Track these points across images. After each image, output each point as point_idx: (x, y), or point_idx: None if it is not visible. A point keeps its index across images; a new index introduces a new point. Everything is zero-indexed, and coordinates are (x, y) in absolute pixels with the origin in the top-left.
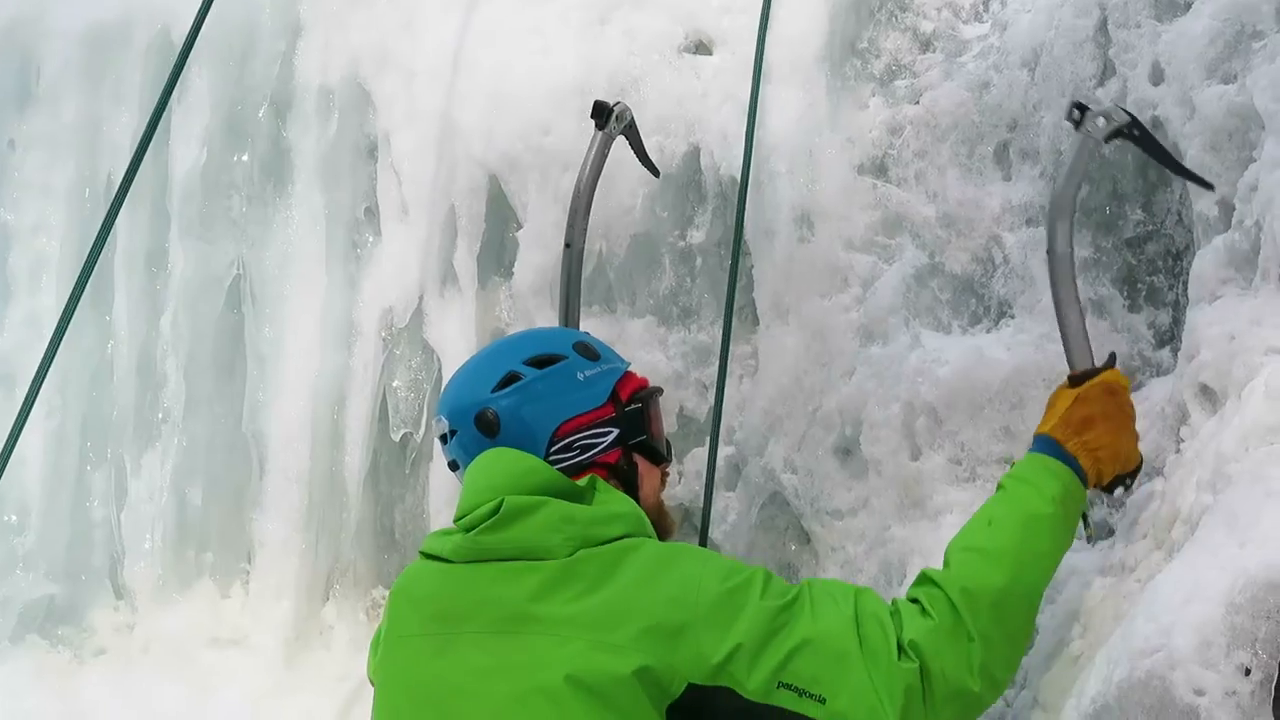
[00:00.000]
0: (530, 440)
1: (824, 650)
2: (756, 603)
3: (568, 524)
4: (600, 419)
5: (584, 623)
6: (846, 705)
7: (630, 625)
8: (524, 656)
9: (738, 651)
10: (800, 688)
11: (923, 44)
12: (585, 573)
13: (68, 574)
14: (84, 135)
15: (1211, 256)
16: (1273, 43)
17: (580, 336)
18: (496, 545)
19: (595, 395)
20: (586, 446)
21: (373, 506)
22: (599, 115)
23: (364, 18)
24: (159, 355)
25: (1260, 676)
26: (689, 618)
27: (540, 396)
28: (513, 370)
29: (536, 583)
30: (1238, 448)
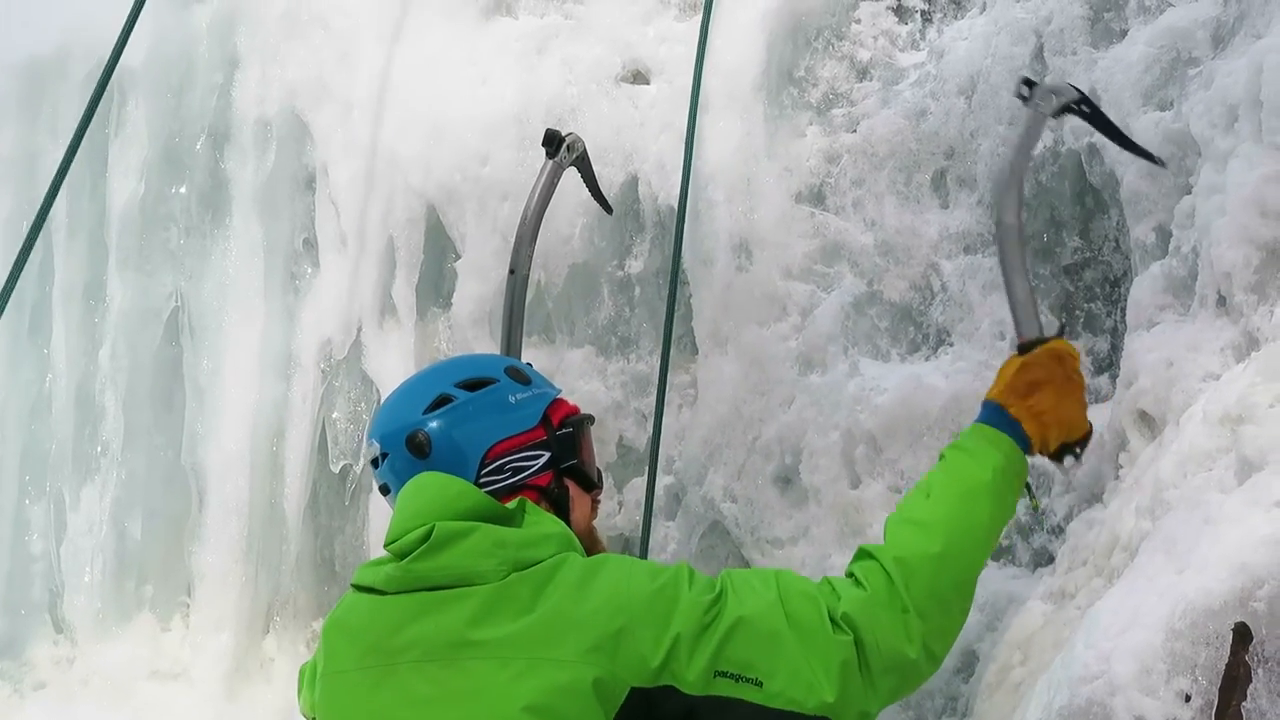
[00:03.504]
0: (461, 462)
1: (755, 633)
2: (687, 595)
3: (499, 548)
4: (531, 441)
5: (524, 642)
6: (784, 685)
7: (572, 639)
8: (467, 683)
9: (677, 644)
10: (736, 673)
11: (860, 72)
12: (519, 595)
13: (6, 608)
14: (20, 167)
15: (1149, 283)
16: (1208, 69)
17: (510, 361)
18: (429, 573)
19: (526, 418)
20: (518, 469)
21: (312, 538)
22: (550, 144)
23: (301, 50)
24: (97, 388)
25: (1200, 702)
26: (625, 621)
27: (471, 418)
28: (444, 393)
29: (472, 609)
30: (1176, 474)
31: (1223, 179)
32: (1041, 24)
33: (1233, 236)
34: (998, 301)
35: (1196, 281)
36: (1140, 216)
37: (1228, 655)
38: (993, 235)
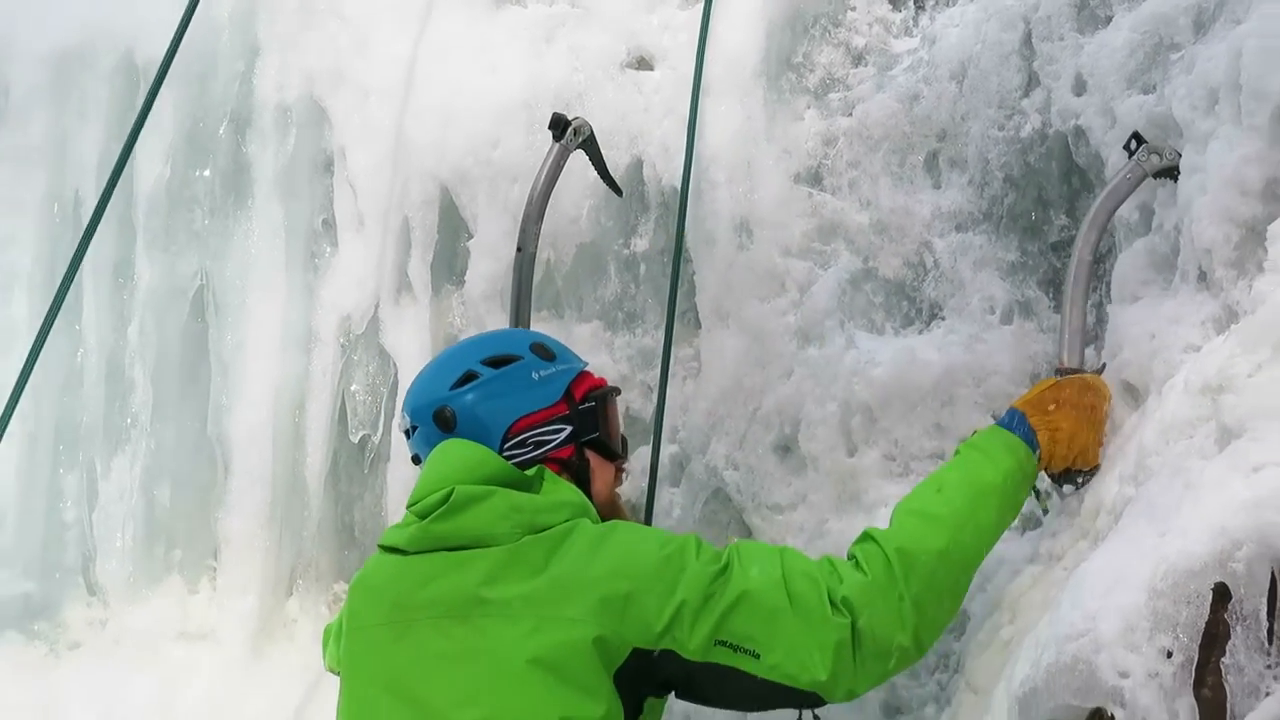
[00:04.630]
0: (485, 436)
1: (757, 608)
2: (694, 565)
3: (515, 512)
4: (553, 417)
5: (534, 601)
6: (780, 659)
7: (580, 599)
8: (480, 640)
9: (681, 611)
10: (735, 644)
11: (855, 58)
12: (531, 556)
13: (43, 572)
14: (52, 153)
15: (1132, 259)
16: (1190, 54)
17: (538, 338)
18: (447, 533)
19: (549, 394)
20: (540, 443)
21: (333, 505)
22: (556, 127)
23: (319, 38)
24: (127, 362)
25: (1181, 659)
26: (633, 586)
27: (495, 395)
28: (470, 369)
29: (486, 568)
30: (1158, 441)
31: (1204, 159)
32: (1030, 10)
33: (1213, 214)
34: (987, 278)
35: (1178, 257)
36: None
37: (1208, 614)
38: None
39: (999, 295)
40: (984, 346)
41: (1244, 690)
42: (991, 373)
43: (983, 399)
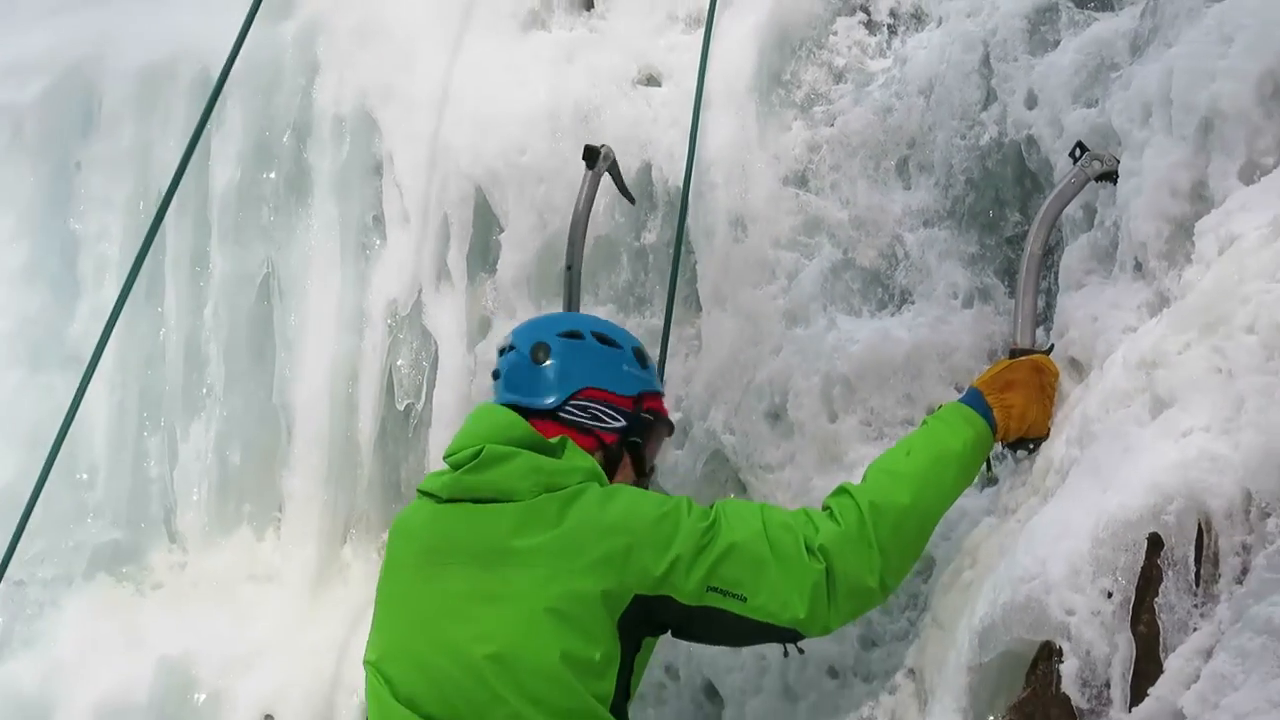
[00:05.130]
0: (561, 382)
1: (743, 557)
2: (687, 522)
3: (535, 472)
4: (618, 405)
5: (549, 553)
6: (764, 601)
7: (588, 553)
8: (502, 586)
9: (676, 562)
10: (724, 589)
11: (836, 76)
12: (547, 512)
13: (130, 522)
14: (138, 157)
15: (1077, 252)
16: (1127, 73)
17: (640, 346)
18: (475, 485)
19: (626, 386)
20: (596, 415)
21: (381, 465)
22: (589, 158)
23: (371, 57)
24: (203, 341)
25: (1120, 599)
26: (633, 540)
27: (585, 357)
28: (579, 329)
29: (511, 521)
30: (1100, 410)
31: (1139, 165)
32: (988, 35)
33: (1147, 213)
34: (950, 267)
35: (1117, 250)
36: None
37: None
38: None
39: (961, 283)
40: (948, 327)
41: (1175, 626)
42: (954, 350)
43: (947, 373)
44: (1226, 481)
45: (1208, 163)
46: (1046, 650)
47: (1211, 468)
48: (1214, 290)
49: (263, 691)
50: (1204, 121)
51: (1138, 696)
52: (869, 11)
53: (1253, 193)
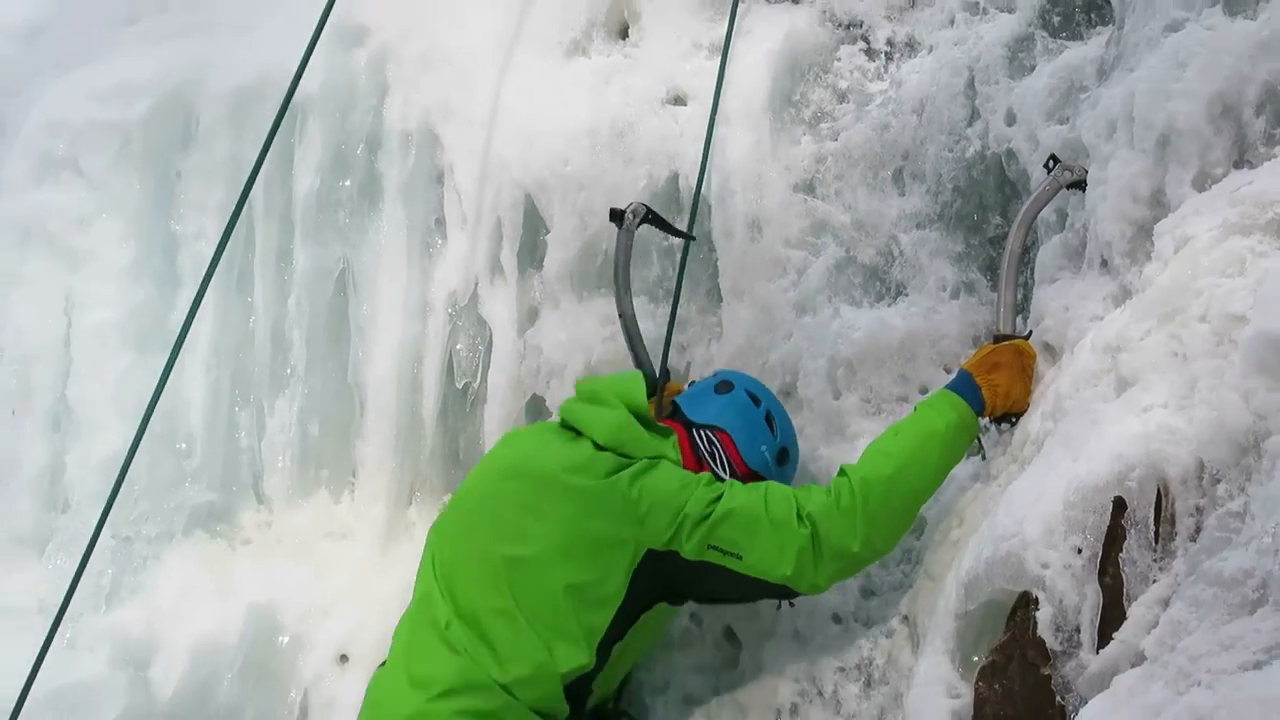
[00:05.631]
0: (713, 413)
1: (740, 521)
2: (698, 492)
3: (619, 429)
4: (734, 462)
5: (587, 496)
6: (756, 560)
7: (615, 506)
8: (541, 509)
9: (683, 523)
10: (722, 548)
11: (839, 96)
12: (604, 466)
13: (223, 486)
14: (229, 167)
15: (1051, 250)
16: (1094, 94)
17: (790, 450)
18: (577, 415)
19: (751, 458)
20: (714, 453)
21: (442, 436)
22: (615, 219)
23: (433, 80)
24: (287, 327)
25: (1089, 554)
26: (653, 504)
27: (745, 417)
28: (760, 400)
29: (576, 459)
30: (1071, 388)
31: (1105, 174)
32: (973, 61)
33: (1112, 216)
34: (940, 264)
35: (1086, 249)
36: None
37: (1109, 520)
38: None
39: (949, 277)
40: (938, 316)
41: (1137, 578)
42: (943, 336)
43: (937, 356)
44: (1182, 452)
45: (1165, 173)
46: (1024, 599)
47: (1169, 439)
48: (1171, 284)
49: (338, 634)
50: (1162, 137)
51: (1104, 640)
52: (868, 40)
53: (1204, 199)
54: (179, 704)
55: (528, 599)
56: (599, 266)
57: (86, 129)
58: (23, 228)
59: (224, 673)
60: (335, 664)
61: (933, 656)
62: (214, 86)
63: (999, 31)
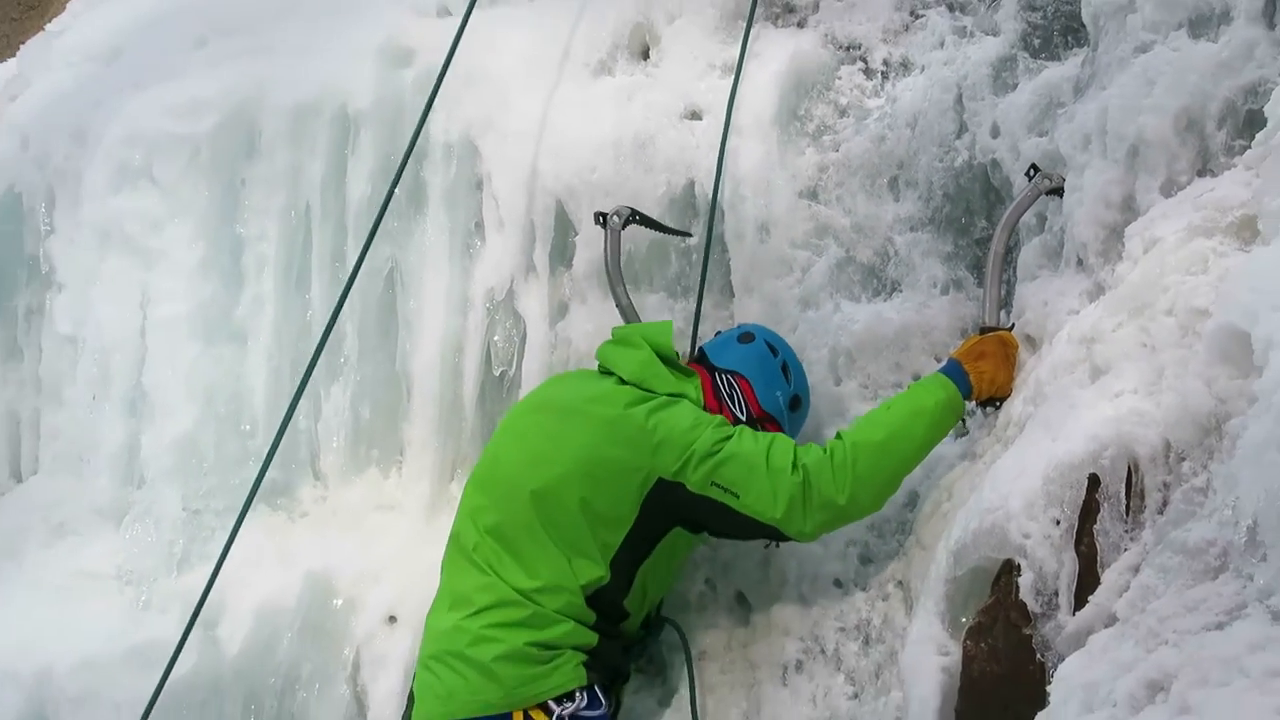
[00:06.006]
0: (734, 359)
1: (742, 463)
2: (709, 432)
3: (644, 367)
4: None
5: (606, 423)
6: (752, 500)
7: (630, 434)
8: (565, 435)
9: (691, 458)
10: (724, 486)
11: (840, 111)
12: (625, 399)
13: (283, 463)
14: (289, 176)
15: (1032, 251)
16: (1071, 109)
17: (803, 398)
18: (607, 355)
19: (765, 401)
20: (733, 395)
21: (481, 419)
22: (599, 222)
23: (474, 97)
24: (341, 320)
25: (1065, 525)
26: (665, 437)
27: (762, 365)
28: (778, 351)
29: (601, 391)
30: (1050, 375)
31: (1081, 182)
32: (961, 79)
33: (1087, 220)
34: (931, 263)
35: (1063, 250)
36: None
37: (1084, 495)
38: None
39: (940, 275)
40: (929, 310)
41: (1109, 548)
42: (934, 328)
43: (928, 346)
44: (1150, 433)
45: (1135, 180)
46: (1007, 566)
47: (1138, 422)
48: (1140, 281)
49: (387, 598)
50: (1132, 148)
51: (1080, 603)
52: (866, 61)
53: (1171, 204)
54: (243, 660)
55: (549, 515)
56: (627, 263)
57: (160, 141)
58: (102, 230)
59: (284, 632)
60: (384, 624)
61: (925, 618)
62: (274, 102)
63: (984, 53)
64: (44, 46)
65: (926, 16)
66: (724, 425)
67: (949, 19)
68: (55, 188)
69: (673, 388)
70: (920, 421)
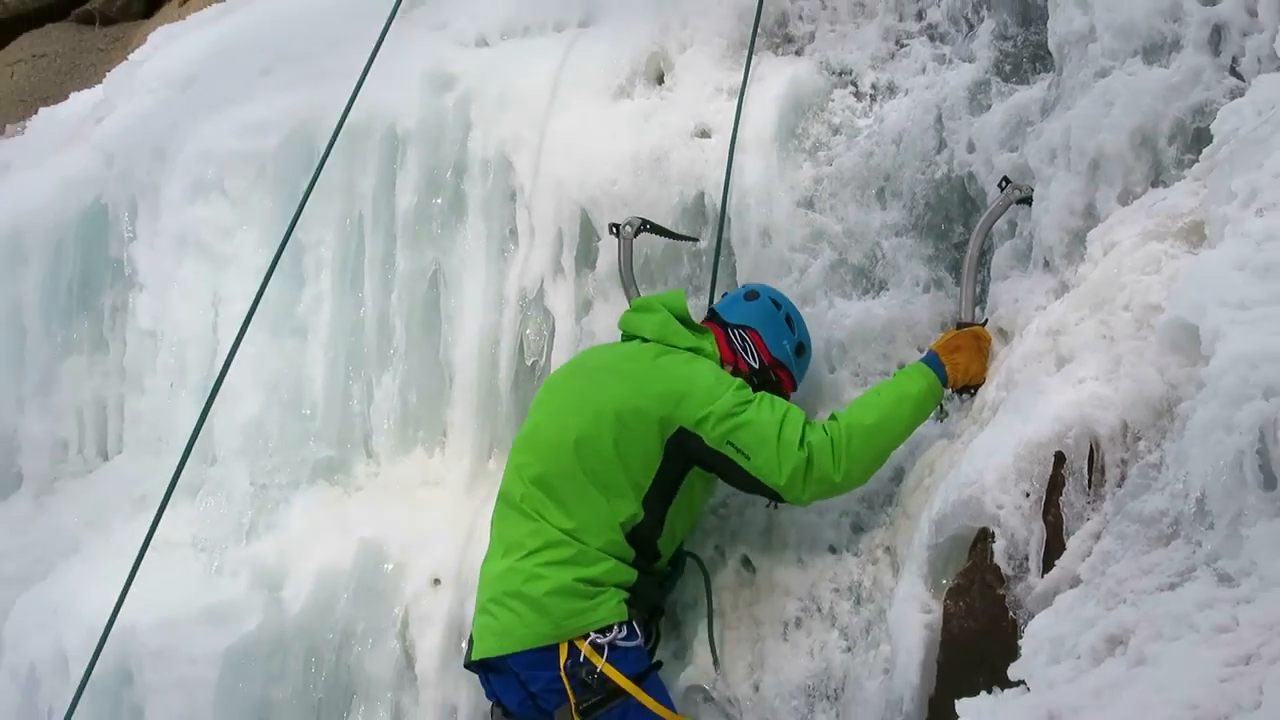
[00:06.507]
0: (743, 314)
1: (757, 431)
2: (730, 394)
3: (663, 326)
4: (761, 354)
5: (635, 376)
6: (761, 465)
7: (657, 386)
8: (597, 391)
9: (710, 416)
10: (737, 447)
11: (833, 130)
12: (650, 354)
13: (339, 443)
14: (344, 187)
15: (1004, 253)
16: (1039, 127)
17: (806, 345)
18: (630, 322)
19: (775, 349)
20: (745, 347)
21: (514, 404)
22: (613, 231)
23: (509, 117)
24: (390, 316)
25: (1035, 497)
26: (689, 390)
27: (769, 318)
28: (781, 305)
29: (627, 352)
30: (1020, 364)
31: (1048, 192)
32: (941, 101)
33: (1053, 226)
34: (915, 265)
35: (1032, 252)
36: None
37: (1051, 470)
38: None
39: (922, 275)
40: (913, 307)
41: (1074, 517)
42: (917, 322)
43: (912, 339)
44: (1110, 415)
45: (1095, 191)
46: (983, 534)
47: (1099, 405)
48: (1100, 280)
49: (432, 562)
50: (1093, 162)
51: (1048, 566)
52: (857, 85)
53: (1127, 212)
54: (304, 618)
55: (588, 461)
56: (640, 267)
57: (230, 157)
58: (179, 237)
59: (340, 593)
60: (430, 586)
61: (910, 580)
62: (329, 123)
63: (961, 78)
64: (127, 75)
65: (910, 45)
66: (744, 389)
67: (930, 48)
68: (137, 199)
69: (691, 343)
70: (905, 406)
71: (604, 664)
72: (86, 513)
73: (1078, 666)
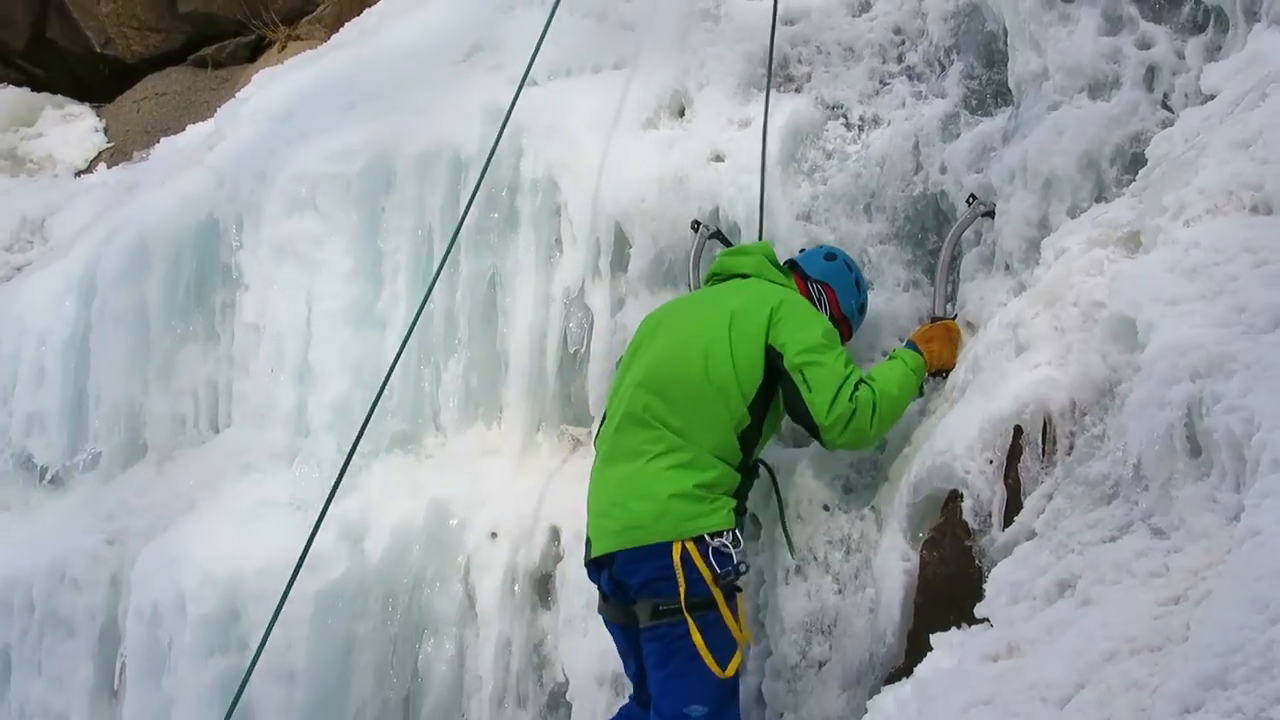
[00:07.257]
0: (821, 271)
1: (827, 373)
2: (821, 333)
3: (760, 264)
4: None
5: (742, 300)
6: (816, 400)
7: (760, 310)
8: (713, 312)
9: (793, 342)
10: (805, 376)
11: (827, 155)
12: (750, 284)
13: (412, 418)
14: (416, 205)
15: (971, 258)
16: (1001, 152)
17: (865, 306)
18: (726, 264)
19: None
20: (822, 299)
21: (560, 386)
22: (694, 228)
23: (554, 144)
24: (456, 311)
25: (997, 464)
26: (784, 315)
27: (843, 277)
28: (854, 269)
29: (729, 288)
30: (985, 352)
31: (1008, 206)
32: (918, 130)
33: (1012, 234)
34: (896, 268)
35: (995, 257)
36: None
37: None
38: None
39: (902, 277)
40: (895, 303)
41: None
42: (899, 316)
43: (894, 330)
44: (1060, 395)
45: (1048, 206)
46: (953, 495)
47: (1052, 386)
48: (1053, 281)
49: (490, 518)
50: (1046, 181)
51: (1008, 522)
52: (847, 117)
53: (1075, 224)
54: (383, 566)
55: (709, 368)
56: (664, 270)
57: (320, 179)
58: (278, 246)
59: (413, 544)
60: (488, 539)
61: (892, 534)
62: (405, 150)
63: (935, 111)
64: (234, 109)
65: (892, 84)
66: (834, 334)
67: (909, 86)
68: (243, 215)
69: (782, 281)
70: (913, 382)
71: (706, 568)
72: (200, 477)
73: (1033, 606)
